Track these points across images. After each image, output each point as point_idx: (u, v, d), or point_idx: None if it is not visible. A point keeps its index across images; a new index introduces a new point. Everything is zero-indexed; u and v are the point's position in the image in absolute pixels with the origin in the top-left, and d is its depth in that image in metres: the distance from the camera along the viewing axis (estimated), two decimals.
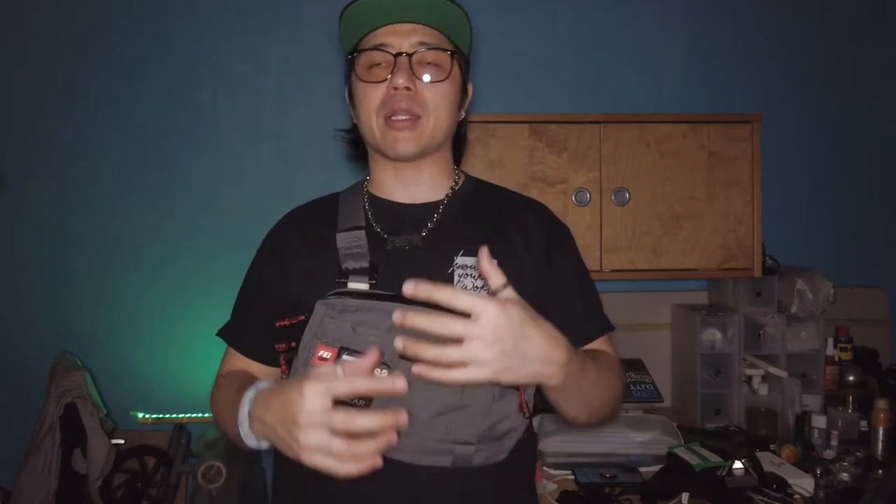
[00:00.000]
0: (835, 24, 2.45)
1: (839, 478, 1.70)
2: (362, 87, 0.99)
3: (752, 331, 2.15)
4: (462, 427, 0.89)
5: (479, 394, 0.89)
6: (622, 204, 2.01)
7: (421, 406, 0.87)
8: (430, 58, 0.98)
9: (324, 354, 0.89)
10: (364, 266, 0.95)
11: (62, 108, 2.28)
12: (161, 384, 2.28)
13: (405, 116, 0.97)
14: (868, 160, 2.48)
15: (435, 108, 0.98)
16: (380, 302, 0.91)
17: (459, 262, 0.97)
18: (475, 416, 0.90)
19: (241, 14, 2.31)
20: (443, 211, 1.03)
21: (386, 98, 0.97)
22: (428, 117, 0.98)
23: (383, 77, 0.97)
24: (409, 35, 0.97)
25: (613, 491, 1.66)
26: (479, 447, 0.91)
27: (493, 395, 0.90)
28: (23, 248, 2.30)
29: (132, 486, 2.14)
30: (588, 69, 2.39)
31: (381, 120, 0.98)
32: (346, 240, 0.98)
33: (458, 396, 0.89)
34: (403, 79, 0.96)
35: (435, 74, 0.98)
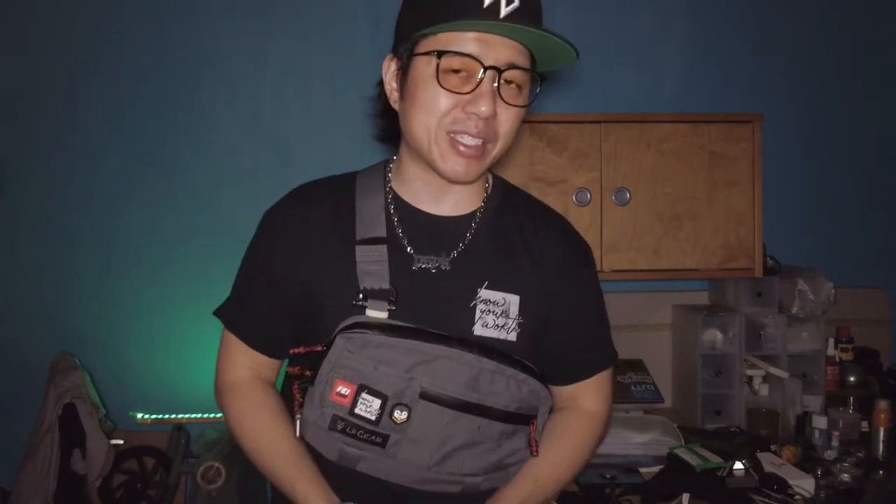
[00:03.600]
0: (835, 24, 2.45)
1: (840, 478, 1.70)
2: (433, 90, 0.86)
3: (752, 331, 2.14)
4: (473, 462, 0.91)
5: (493, 432, 0.90)
6: (622, 204, 2.01)
7: (438, 443, 0.88)
8: (517, 78, 0.88)
9: (342, 391, 0.87)
10: (384, 288, 0.90)
11: (62, 108, 2.28)
12: (160, 384, 2.27)
13: (476, 142, 0.88)
14: (869, 160, 2.47)
15: (507, 134, 0.90)
16: (401, 339, 0.88)
17: (483, 297, 0.94)
18: (487, 452, 0.91)
19: (241, 14, 2.30)
20: (474, 230, 0.98)
21: (458, 116, 0.87)
22: (496, 144, 0.90)
23: (466, 90, 0.86)
24: (500, 50, 0.86)
25: (614, 492, 1.66)
26: (486, 478, 0.92)
27: (504, 434, 0.91)
28: (23, 248, 2.29)
29: (131, 487, 2.13)
30: (588, 69, 2.38)
31: (444, 134, 0.88)
32: (365, 254, 0.92)
33: (473, 436, 0.89)
34: (488, 106, 0.85)
35: (516, 97, 0.89)
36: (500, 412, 0.90)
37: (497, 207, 1.01)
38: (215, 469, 1.99)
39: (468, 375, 0.88)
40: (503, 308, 0.94)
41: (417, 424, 0.87)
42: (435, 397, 0.87)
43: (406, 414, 0.87)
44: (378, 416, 0.87)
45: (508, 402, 0.90)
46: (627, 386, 2.10)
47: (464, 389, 0.88)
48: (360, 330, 0.88)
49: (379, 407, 0.87)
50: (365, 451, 0.89)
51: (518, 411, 0.92)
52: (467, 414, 0.88)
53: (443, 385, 0.87)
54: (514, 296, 0.95)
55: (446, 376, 0.87)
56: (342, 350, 0.87)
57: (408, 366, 0.87)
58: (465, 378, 0.88)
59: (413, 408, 0.87)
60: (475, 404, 0.88)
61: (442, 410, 0.88)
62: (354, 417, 0.87)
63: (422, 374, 0.87)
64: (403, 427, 0.87)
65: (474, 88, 0.86)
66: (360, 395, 0.87)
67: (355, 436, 0.88)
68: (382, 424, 0.87)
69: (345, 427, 0.87)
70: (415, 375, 0.87)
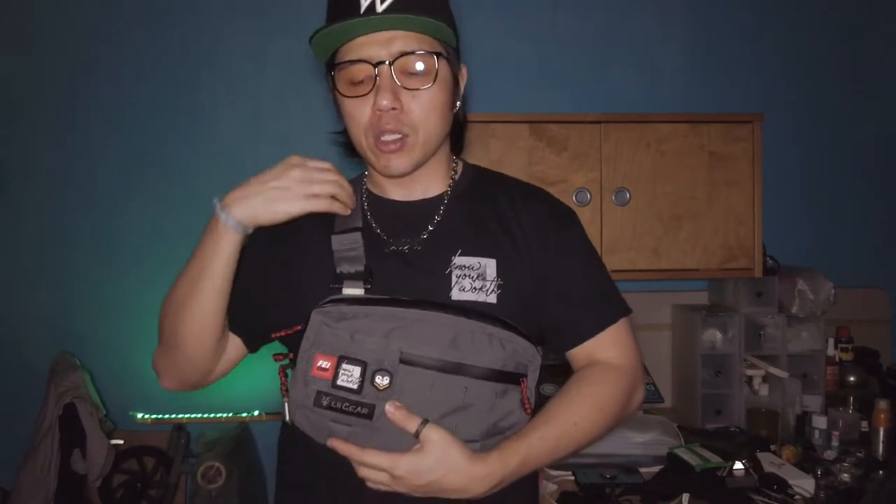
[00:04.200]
0: (835, 24, 2.45)
1: (840, 478, 1.70)
2: (348, 103, 0.93)
3: (752, 331, 2.14)
4: (467, 426, 0.89)
5: (482, 393, 0.89)
6: (622, 204, 2.01)
7: (427, 410, 0.87)
8: (415, 65, 0.91)
9: (323, 364, 0.87)
10: (359, 270, 0.94)
11: (62, 108, 2.28)
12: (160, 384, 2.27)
13: (394, 137, 0.92)
14: (868, 160, 2.48)
15: (424, 121, 0.93)
16: (376, 307, 0.89)
17: (457, 263, 0.96)
18: (479, 414, 0.89)
19: (241, 14, 2.31)
20: (442, 211, 1.01)
21: (372, 119, 0.92)
22: (417, 133, 0.93)
23: (366, 91, 0.91)
24: (388, 43, 0.90)
25: (614, 492, 1.66)
26: (484, 443, 0.90)
27: (495, 394, 0.90)
28: (23, 248, 2.29)
29: (131, 487, 2.14)
30: (588, 69, 2.39)
31: (371, 140, 0.94)
32: (341, 242, 0.96)
33: (461, 398, 0.88)
34: (388, 98, 0.90)
35: (420, 81, 0.92)
36: (486, 371, 0.88)
37: (467, 186, 1.04)
38: (215, 469, 1.99)
39: (447, 336, 0.88)
40: (479, 271, 0.95)
41: (401, 390, 0.86)
42: (415, 360, 0.87)
43: (388, 379, 0.86)
44: (360, 384, 0.86)
45: (493, 360, 0.89)
46: None
47: (444, 350, 0.87)
48: (335, 304, 0.90)
49: (359, 375, 0.86)
50: (353, 425, 0.87)
51: (504, 369, 0.90)
52: (451, 375, 0.87)
53: (421, 348, 0.87)
54: (490, 259, 0.96)
55: (425, 339, 0.87)
56: (319, 324, 0.88)
57: (384, 332, 0.87)
58: (444, 339, 0.88)
59: (394, 373, 0.86)
60: (457, 363, 0.87)
61: (424, 373, 0.87)
62: (337, 389, 0.87)
63: (399, 338, 0.87)
64: (387, 394, 0.86)
65: (372, 87, 0.91)
66: (340, 366, 0.87)
67: (341, 409, 0.86)
68: (365, 392, 0.86)
69: (330, 401, 0.87)
70: (392, 340, 0.87)
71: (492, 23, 2.32)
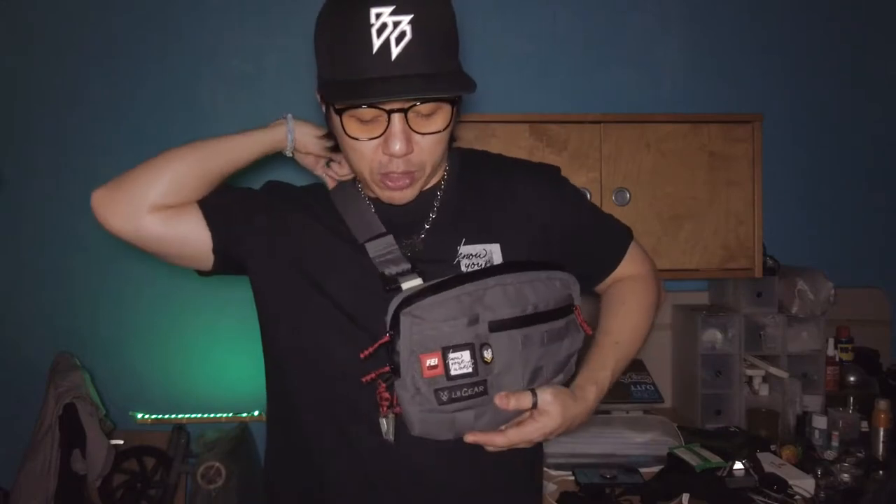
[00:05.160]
0: (835, 24, 2.45)
1: (840, 478, 1.70)
2: (352, 144, 0.92)
3: (752, 331, 2.14)
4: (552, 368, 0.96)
5: (554, 330, 0.94)
6: (622, 204, 2.01)
7: (522, 365, 0.91)
8: (427, 109, 0.89)
9: (432, 363, 0.86)
10: (407, 268, 0.94)
11: (62, 107, 2.28)
12: (160, 384, 2.27)
13: (402, 177, 0.93)
14: (868, 160, 2.47)
15: (431, 158, 0.94)
16: (449, 291, 0.88)
17: (464, 252, 0.98)
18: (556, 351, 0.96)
19: (241, 14, 2.31)
20: (439, 199, 1.02)
21: (382, 160, 0.92)
22: (424, 171, 0.95)
23: (376, 134, 0.90)
24: None
25: (614, 492, 1.66)
26: (560, 375, 0.98)
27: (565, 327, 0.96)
28: (23, 248, 2.29)
29: (131, 487, 2.14)
30: (588, 69, 2.39)
31: (377, 175, 0.93)
32: (377, 248, 0.96)
33: (543, 346, 0.93)
34: (400, 144, 0.89)
35: (432, 125, 0.91)
36: (555, 311, 0.94)
37: (459, 173, 1.05)
38: (215, 469, 1.99)
39: (515, 294, 0.91)
40: (486, 259, 0.98)
41: (500, 357, 0.89)
42: (501, 324, 0.89)
43: (490, 352, 0.88)
44: (474, 366, 0.87)
45: (557, 300, 0.95)
46: (627, 386, 2.10)
47: (520, 308, 0.91)
48: (415, 302, 0.87)
49: (470, 357, 0.87)
50: (474, 407, 0.89)
51: (565, 302, 0.96)
52: (532, 326, 0.91)
53: (501, 312, 0.89)
54: (494, 244, 0.99)
55: (500, 304, 0.90)
56: (410, 327, 0.86)
57: (467, 311, 0.88)
58: (513, 297, 0.90)
59: (491, 343, 0.89)
60: (532, 314, 0.91)
61: (511, 334, 0.90)
62: (454, 380, 0.86)
63: (481, 310, 0.89)
64: (492, 366, 0.89)
65: (384, 131, 0.89)
66: (447, 357, 0.86)
67: (462, 397, 0.87)
68: (480, 371, 0.88)
69: (450, 394, 0.86)
70: (477, 315, 0.88)
71: (492, 23, 2.32)
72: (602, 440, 1.84)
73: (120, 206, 0.97)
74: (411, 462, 0.95)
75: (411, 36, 0.84)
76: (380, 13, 0.83)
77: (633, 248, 1.13)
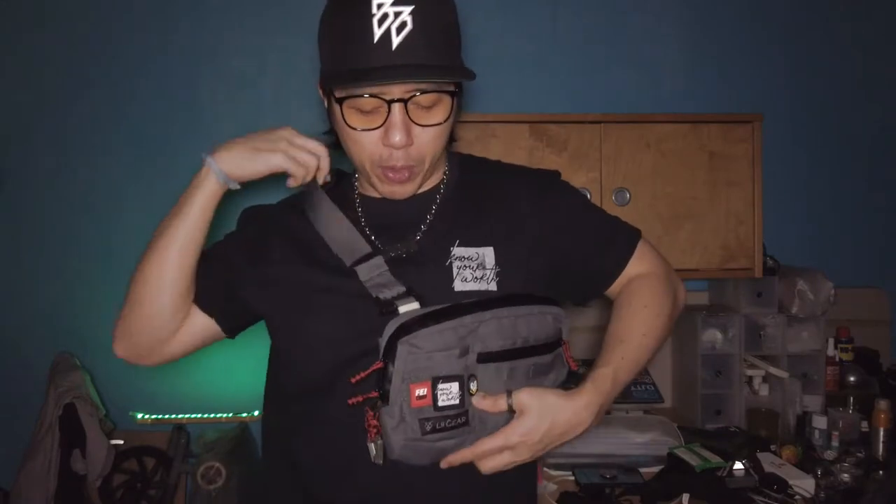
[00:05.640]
0: (835, 24, 2.45)
1: (840, 478, 1.70)
2: (353, 136, 0.92)
3: (752, 331, 2.14)
4: None
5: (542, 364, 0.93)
6: (622, 204, 2.01)
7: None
8: (428, 101, 0.90)
9: (420, 393, 0.85)
10: (402, 291, 0.92)
11: (62, 107, 2.28)
12: (160, 384, 2.27)
13: (401, 171, 0.93)
14: (868, 160, 2.48)
15: (432, 152, 0.94)
16: (446, 323, 0.87)
17: (456, 254, 0.97)
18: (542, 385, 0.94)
19: (242, 13, 2.31)
20: (438, 203, 1.01)
21: (383, 152, 0.91)
22: (424, 164, 0.94)
23: (377, 125, 0.90)
24: None
25: (614, 492, 1.66)
26: None
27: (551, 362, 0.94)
28: (23, 248, 2.29)
29: (131, 487, 2.14)
30: (588, 69, 2.39)
31: (378, 168, 0.93)
32: (368, 271, 0.94)
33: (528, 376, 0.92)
34: (400, 135, 0.89)
35: (433, 117, 0.91)
36: (543, 346, 0.93)
37: (458, 177, 1.05)
38: (215, 469, 1.99)
39: (508, 327, 0.90)
40: (478, 261, 0.97)
41: (483, 388, 0.89)
42: (489, 356, 0.89)
43: (475, 383, 0.88)
44: (461, 398, 0.87)
45: (547, 335, 0.94)
46: (627, 386, 2.10)
47: (511, 341, 0.90)
48: (414, 331, 0.86)
49: (458, 389, 0.87)
50: (455, 437, 0.88)
51: (555, 337, 0.95)
52: (519, 359, 0.91)
53: (492, 344, 0.89)
54: (487, 248, 0.98)
55: (492, 336, 0.89)
56: (406, 356, 0.85)
57: (459, 343, 0.87)
58: (506, 331, 0.90)
59: (478, 374, 0.88)
60: (521, 348, 0.91)
61: (499, 366, 0.90)
62: (440, 411, 0.86)
63: (473, 343, 0.88)
64: (475, 396, 0.88)
65: (385, 121, 0.89)
66: (436, 388, 0.86)
67: (445, 427, 0.87)
68: (465, 403, 0.87)
69: (434, 425, 0.86)
70: (468, 346, 0.88)
71: (492, 23, 2.32)
72: (602, 440, 1.84)
73: (147, 357, 1.11)
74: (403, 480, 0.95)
75: (412, 26, 0.84)
76: (381, 3, 0.84)
77: (642, 248, 1.09)
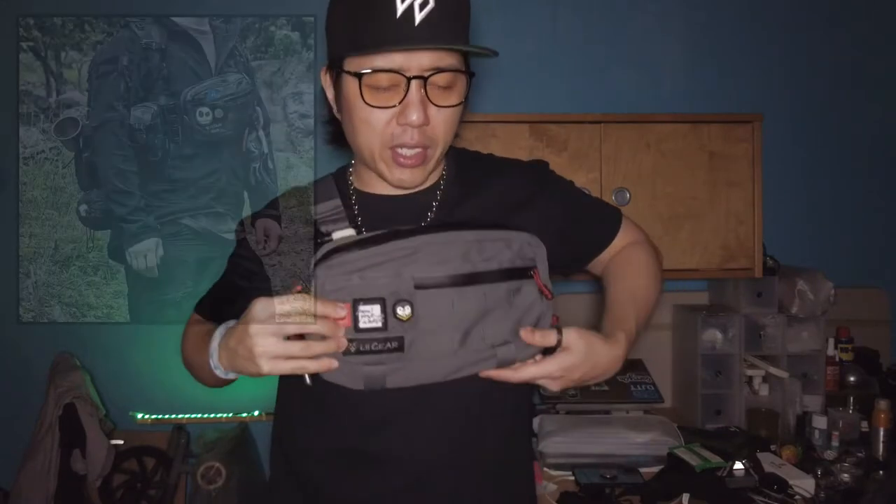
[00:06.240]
0: (835, 24, 2.45)
1: (840, 478, 1.70)
2: (364, 110, 0.90)
3: (752, 331, 2.14)
4: (494, 329, 0.89)
5: (498, 294, 0.89)
6: (622, 204, 2.01)
7: (452, 326, 0.87)
8: (445, 81, 0.90)
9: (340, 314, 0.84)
10: (346, 225, 0.92)
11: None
12: (160, 384, 2.27)
13: (415, 151, 0.91)
14: (868, 160, 2.47)
15: (445, 136, 0.93)
16: (378, 246, 0.87)
17: None
18: (501, 315, 0.90)
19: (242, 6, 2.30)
20: (437, 207, 1.01)
21: (395, 131, 0.90)
22: (436, 147, 0.93)
23: (394, 102, 0.88)
24: (424, 56, 0.88)
25: (614, 492, 1.66)
26: (518, 343, 0.90)
27: (510, 292, 0.90)
28: (23, 248, 2.29)
29: (131, 487, 2.13)
30: (588, 69, 2.39)
31: (387, 151, 0.91)
32: (321, 211, 0.96)
33: (482, 305, 0.88)
34: (418, 114, 0.88)
35: (449, 98, 0.91)
36: (497, 272, 0.90)
37: (455, 173, 1.04)
38: (215, 469, 1.99)
39: (455, 252, 0.88)
40: None
41: (425, 315, 0.86)
42: (429, 283, 0.86)
43: (409, 309, 0.85)
44: (384, 321, 0.85)
45: (501, 261, 0.90)
46: (627, 386, 2.10)
47: (456, 265, 0.88)
48: (336, 254, 0.86)
49: (380, 311, 0.85)
50: (387, 362, 0.86)
51: (514, 265, 0.92)
52: (468, 286, 0.88)
53: (433, 270, 0.87)
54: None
55: (434, 262, 0.87)
56: (324, 278, 0.84)
57: (394, 266, 0.86)
58: (452, 256, 0.88)
59: (413, 301, 0.85)
60: (469, 274, 0.88)
61: (441, 292, 0.87)
62: (362, 333, 0.84)
63: (409, 269, 0.86)
64: (412, 323, 0.85)
65: (402, 99, 0.88)
66: (357, 309, 0.84)
67: (371, 350, 0.85)
68: (391, 327, 0.85)
69: (358, 346, 0.84)
70: (403, 272, 0.86)
71: (492, 22, 2.32)
72: (602, 440, 1.84)
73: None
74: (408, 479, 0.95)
75: (434, 4, 0.85)
76: None
77: (626, 222, 1.15)
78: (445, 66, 0.89)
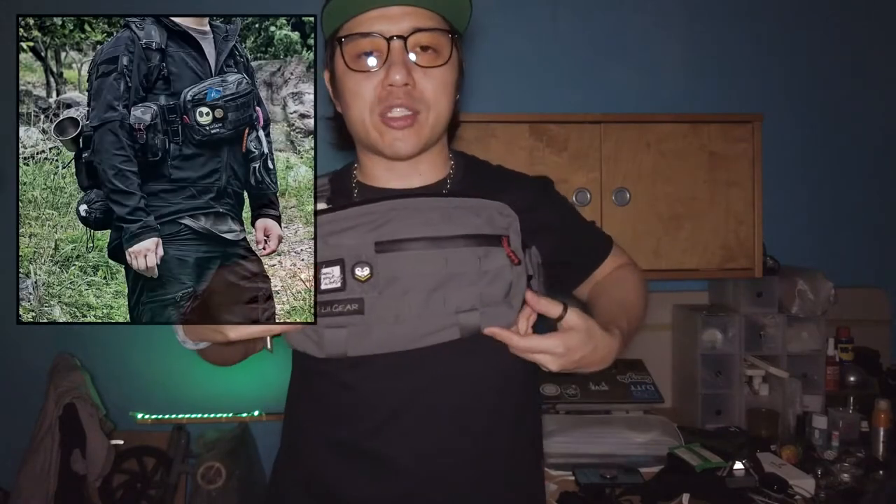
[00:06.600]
0: (836, 24, 2.45)
1: (840, 478, 1.70)
2: (352, 79, 0.91)
3: (752, 331, 2.14)
4: (458, 295, 0.88)
5: (464, 259, 0.89)
6: (622, 204, 2.01)
7: (414, 289, 0.87)
8: (427, 41, 0.90)
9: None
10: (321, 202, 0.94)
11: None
12: (160, 384, 2.27)
13: (404, 112, 0.90)
14: (868, 160, 2.47)
15: (435, 100, 0.92)
16: (345, 210, 0.89)
17: None
18: (467, 280, 0.89)
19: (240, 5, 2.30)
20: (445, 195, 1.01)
21: (381, 94, 0.90)
22: (428, 112, 0.92)
23: (377, 66, 0.90)
24: (402, 18, 0.89)
25: (614, 492, 1.66)
26: (484, 310, 0.89)
27: (477, 257, 0.89)
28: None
29: (131, 487, 2.13)
30: (588, 69, 2.39)
31: (377, 117, 0.91)
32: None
33: (444, 269, 0.88)
34: (401, 73, 0.88)
35: (433, 59, 0.91)
36: (462, 238, 0.89)
37: (463, 175, 1.04)
38: (215, 469, 1.99)
39: (420, 218, 0.89)
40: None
41: (384, 276, 0.87)
42: (390, 247, 0.87)
43: (368, 270, 0.86)
44: (342, 281, 0.86)
45: (467, 227, 0.90)
46: (627, 386, 2.10)
47: (419, 230, 0.88)
48: None
49: (339, 272, 0.86)
50: (347, 325, 0.86)
51: (481, 232, 0.91)
52: (429, 250, 0.88)
53: (396, 233, 0.88)
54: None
55: (399, 227, 0.88)
56: None
57: (359, 232, 0.87)
58: (417, 221, 0.89)
59: (373, 263, 0.86)
60: (432, 238, 0.88)
61: (401, 255, 0.87)
62: (324, 294, 0.86)
63: (374, 234, 0.87)
64: (372, 284, 0.86)
65: (384, 62, 0.89)
66: (319, 272, 0.86)
67: (331, 311, 0.86)
68: (349, 287, 0.86)
69: (320, 309, 0.86)
70: (366, 235, 0.87)
71: (492, 22, 2.32)
72: (602, 440, 1.84)
73: None
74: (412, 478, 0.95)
75: None
76: None
77: (616, 248, 1.17)
78: (425, 26, 0.90)
